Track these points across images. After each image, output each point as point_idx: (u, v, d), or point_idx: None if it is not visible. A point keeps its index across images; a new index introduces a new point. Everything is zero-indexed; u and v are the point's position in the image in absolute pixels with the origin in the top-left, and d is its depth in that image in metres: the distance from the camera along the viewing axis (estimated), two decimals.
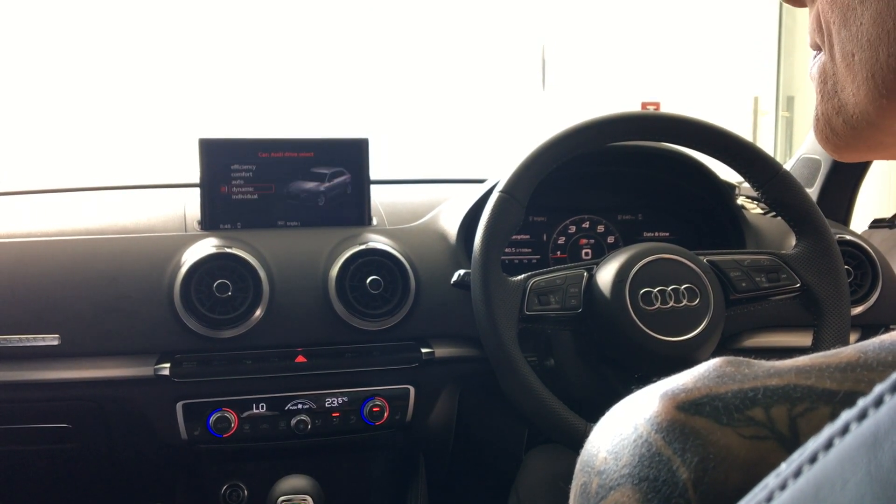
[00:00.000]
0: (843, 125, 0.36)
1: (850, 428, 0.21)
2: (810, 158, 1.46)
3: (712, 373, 0.31)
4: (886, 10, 0.31)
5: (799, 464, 0.22)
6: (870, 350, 0.28)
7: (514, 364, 0.92)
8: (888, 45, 0.32)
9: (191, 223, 1.15)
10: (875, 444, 0.20)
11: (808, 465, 0.22)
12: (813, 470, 0.21)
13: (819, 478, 0.21)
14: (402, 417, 1.13)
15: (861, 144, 0.36)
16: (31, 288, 1.03)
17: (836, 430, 0.22)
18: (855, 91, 0.34)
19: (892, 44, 0.31)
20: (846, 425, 0.21)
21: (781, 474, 0.23)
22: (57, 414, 1.07)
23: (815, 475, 0.21)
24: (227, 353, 1.06)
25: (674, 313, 0.94)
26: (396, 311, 1.09)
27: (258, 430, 1.08)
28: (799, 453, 0.22)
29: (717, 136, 1.02)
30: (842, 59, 0.35)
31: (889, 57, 0.32)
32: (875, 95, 0.33)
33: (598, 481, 0.30)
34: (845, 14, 0.34)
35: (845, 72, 0.35)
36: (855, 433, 0.21)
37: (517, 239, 1.27)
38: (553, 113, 3.92)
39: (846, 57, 0.34)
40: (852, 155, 0.38)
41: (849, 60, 0.34)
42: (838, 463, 0.20)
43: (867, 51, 0.33)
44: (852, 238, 1.24)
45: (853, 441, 0.21)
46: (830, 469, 0.21)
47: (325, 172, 1.17)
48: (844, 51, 0.34)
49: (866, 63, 0.33)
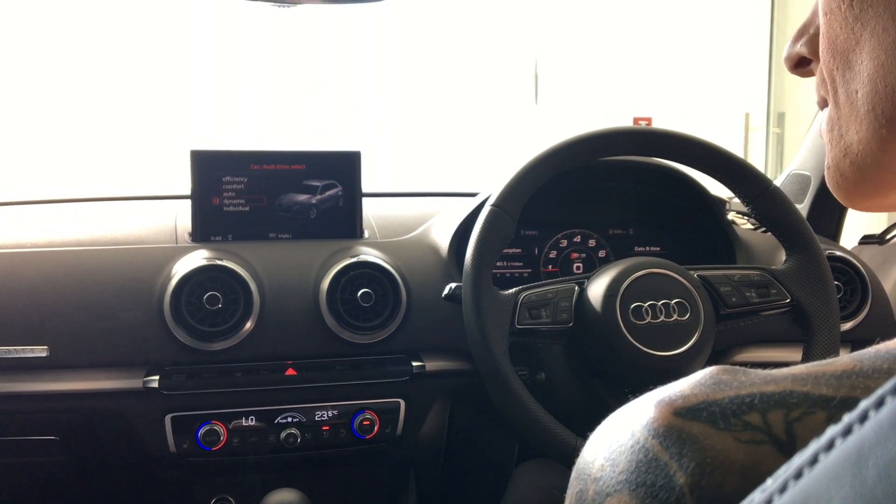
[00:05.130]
0: (850, 166, 0.38)
1: (835, 443, 0.21)
2: (800, 174, 1.46)
3: (709, 380, 0.31)
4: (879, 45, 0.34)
5: (785, 479, 0.22)
6: (865, 358, 0.29)
7: (505, 378, 0.92)
8: (884, 77, 0.34)
9: (182, 235, 1.15)
10: (859, 461, 0.20)
11: (794, 480, 0.22)
12: (799, 485, 0.21)
13: (805, 493, 0.21)
14: (393, 431, 1.12)
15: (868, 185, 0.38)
16: (20, 299, 1.02)
17: (821, 445, 0.22)
18: (858, 128, 0.36)
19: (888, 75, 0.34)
20: (832, 441, 0.21)
21: (767, 489, 0.23)
22: (45, 426, 1.06)
23: (802, 491, 0.21)
24: (216, 365, 1.05)
25: (664, 328, 0.95)
26: (387, 325, 1.08)
27: (247, 444, 1.07)
28: (785, 469, 0.23)
29: (707, 151, 1.03)
30: (846, 100, 0.37)
31: (886, 87, 0.34)
32: (876, 127, 0.35)
33: (595, 488, 0.30)
34: (847, 57, 0.36)
35: (849, 111, 0.37)
36: (840, 449, 0.21)
37: (508, 252, 1.27)
38: (545, 127, 3.93)
39: (850, 96, 0.36)
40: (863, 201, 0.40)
41: (853, 98, 0.36)
42: (824, 479, 0.21)
43: (867, 85, 0.35)
44: (842, 254, 1.25)
45: (838, 457, 0.21)
46: (816, 485, 0.21)
47: (316, 185, 1.17)
48: (849, 91, 0.37)
49: (868, 97, 0.35)
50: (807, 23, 0.42)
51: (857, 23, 0.35)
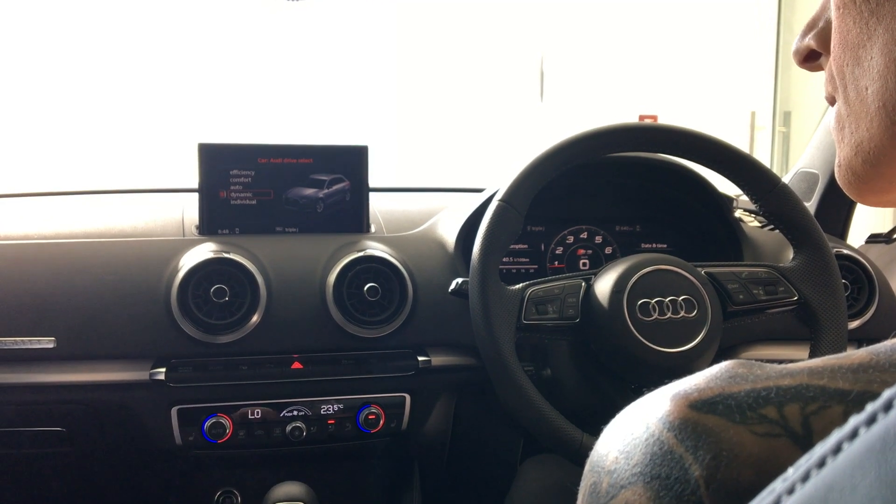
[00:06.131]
0: (863, 165, 0.38)
1: (859, 432, 0.21)
2: (808, 172, 1.46)
3: (724, 374, 0.31)
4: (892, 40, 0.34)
5: (807, 468, 0.22)
6: (881, 352, 0.29)
7: (511, 373, 0.92)
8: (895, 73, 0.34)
9: (189, 228, 1.15)
10: (884, 449, 0.20)
11: (817, 469, 0.22)
12: (822, 474, 0.21)
13: (828, 482, 0.21)
14: (398, 425, 1.12)
15: (880, 182, 0.38)
16: (28, 290, 1.02)
17: (845, 434, 0.22)
18: (868, 125, 0.36)
19: None
20: (855, 429, 0.21)
21: (789, 479, 0.23)
22: (51, 417, 1.06)
23: (824, 479, 0.21)
24: (223, 358, 1.05)
25: (671, 324, 0.94)
26: (393, 319, 1.08)
27: (253, 437, 1.07)
28: (807, 458, 0.22)
29: (715, 147, 1.02)
30: (856, 97, 0.37)
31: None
32: (888, 124, 0.35)
33: (609, 480, 0.30)
34: (857, 53, 0.36)
35: (860, 108, 0.37)
36: (864, 437, 0.21)
37: (515, 248, 1.27)
38: (551, 124, 3.93)
39: (860, 93, 0.36)
40: (875, 196, 0.39)
41: (863, 95, 0.36)
42: (848, 467, 0.20)
43: (878, 81, 0.35)
44: (850, 252, 1.24)
45: (862, 445, 0.21)
46: (840, 473, 0.21)
47: (324, 179, 1.17)
48: (859, 87, 0.36)
49: (878, 94, 0.35)
50: (816, 16, 0.42)
51: (872, 17, 0.35)
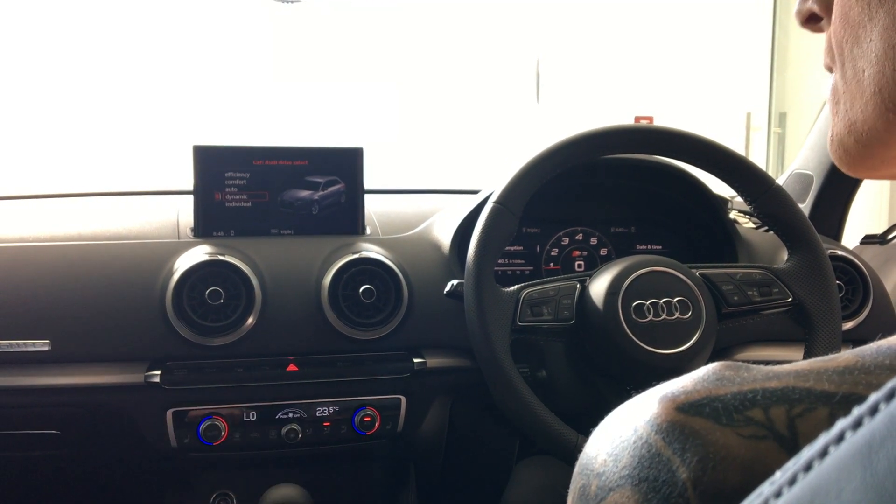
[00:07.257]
0: (855, 144, 0.37)
1: (845, 436, 0.21)
2: (803, 174, 1.46)
3: (711, 376, 0.31)
4: (892, 25, 0.33)
5: (794, 472, 0.22)
6: (867, 354, 0.29)
7: (507, 375, 0.92)
8: (893, 60, 0.33)
9: (184, 230, 1.15)
10: (870, 453, 0.20)
11: (804, 472, 0.22)
12: (808, 478, 0.21)
13: (815, 486, 0.21)
14: (394, 427, 1.12)
15: (872, 161, 0.38)
16: (22, 293, 1.02)
17: (831, 438, 0.22)
18: (863, 107, 0.36)
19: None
20: (841, 433, 0.21)
21: (776, 482, 0.23)
22: (46, 420, 1.06)
23: (811, 483, 0.21)
24: (218, 360, 1.05)
25: (666, 326, 0.95)
26: (389, 321, 1.08)
27: (248, 439, 1.07)
28: (794, 461, 0.23)
29: (710, 149, 1.03)
30: (853, 77, 0.36)
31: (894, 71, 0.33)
32: (882, 110, 0.35)
33: (598, 483, 0.30)
34: (857, 32, 0.35)
35: (855, 88, 0.36)
36: (850, 441, 0.21)
37: (510, 250, 1.27)
38: (547, 126, 3.93)
39: (857, 73, 0.36)
40: (865, 172, 0.39)
41: (859, 77, 0.36)
42: (833, 471, 0.21)
43: (875, 66, 0.34)
44: (844, 253, 1.25)
45: (848, 449, 0.21)
46: (825, 477, 0.21)
47: (319, 181, 1.17)
48: (856, 68, 0.36)
49: (874, 78, 0.35)
50: None
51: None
